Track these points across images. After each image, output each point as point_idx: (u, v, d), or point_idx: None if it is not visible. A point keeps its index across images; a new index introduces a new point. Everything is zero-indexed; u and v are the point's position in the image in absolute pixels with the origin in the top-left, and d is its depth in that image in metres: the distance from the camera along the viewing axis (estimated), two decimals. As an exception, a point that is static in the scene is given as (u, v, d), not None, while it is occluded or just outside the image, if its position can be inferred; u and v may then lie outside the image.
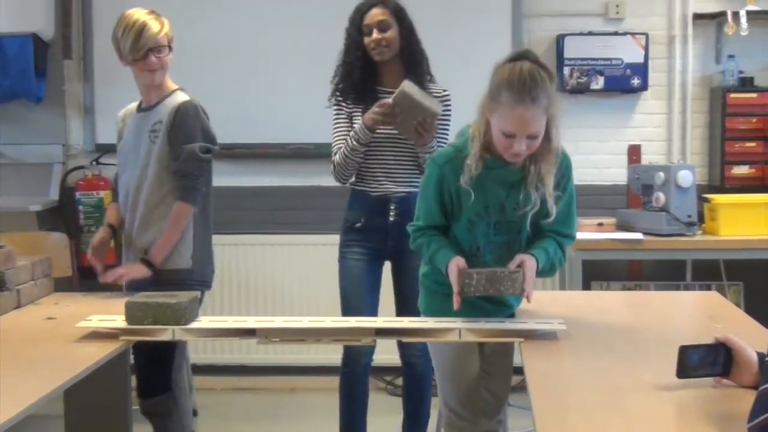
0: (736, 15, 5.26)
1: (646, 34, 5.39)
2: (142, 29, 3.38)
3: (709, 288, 5.14)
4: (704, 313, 3.20)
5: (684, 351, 2.14)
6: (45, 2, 5.35)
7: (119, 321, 2.77)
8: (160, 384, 3.42)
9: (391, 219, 3.79)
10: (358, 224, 3.84)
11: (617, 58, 5.36)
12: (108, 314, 2.88)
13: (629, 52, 5.36)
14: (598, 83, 5.38)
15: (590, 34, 5.41)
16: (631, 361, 2.48)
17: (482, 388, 3.12)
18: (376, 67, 3.82)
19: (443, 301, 2.91)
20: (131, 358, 3.46)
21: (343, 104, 3.84)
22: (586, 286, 4.96)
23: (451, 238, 2.95)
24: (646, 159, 5.41)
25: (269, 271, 5.43)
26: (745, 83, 5.34)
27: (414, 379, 3.97)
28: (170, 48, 3.47)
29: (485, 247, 2.94)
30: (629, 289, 5.30)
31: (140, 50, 3.38)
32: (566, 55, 5.37)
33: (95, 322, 2.80)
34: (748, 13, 5.27)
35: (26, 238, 3.67)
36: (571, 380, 2.31)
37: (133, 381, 3.48)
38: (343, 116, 3.84)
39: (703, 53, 5.48)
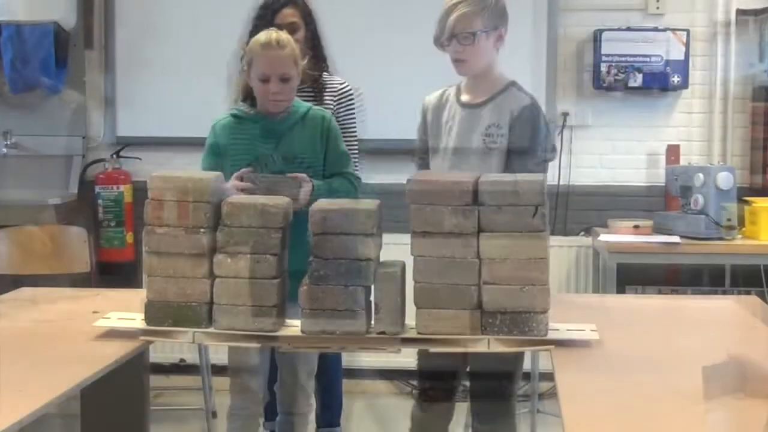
0: (781, 11, 5.15)
1: (687, 31, 5.26)
2: None
3: (748, 294, 5.01)
4: (744, 321, 3.08)
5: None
6: (67, -10, 5.35)
7: (138, 320, 2.69)
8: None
9: None
10: None
11: (657, 54, 5.24)
12: (127, 312, 2.79)
13: (669, 49, 5.23)
14: (637, 81, 5.26)
15: (629, 29, 5.29)
16: (667, 371, 2.37)
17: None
18: None
19: None
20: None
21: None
22: (621, 291, 4.85)
23: None
24: (685, 160, 5.28)
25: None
26: (789, 82, 5.23)
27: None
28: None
29: None
30: (665, 294, 5.18)
31: None
32: (604, 51, 5.26)
33: (114, 321, 2.72)
34: (794, 9, 5.16)
35: (44, 232, 3.64)
36: (604, 390, 2.23)
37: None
38: None
39: (746, 51, 5.35)
